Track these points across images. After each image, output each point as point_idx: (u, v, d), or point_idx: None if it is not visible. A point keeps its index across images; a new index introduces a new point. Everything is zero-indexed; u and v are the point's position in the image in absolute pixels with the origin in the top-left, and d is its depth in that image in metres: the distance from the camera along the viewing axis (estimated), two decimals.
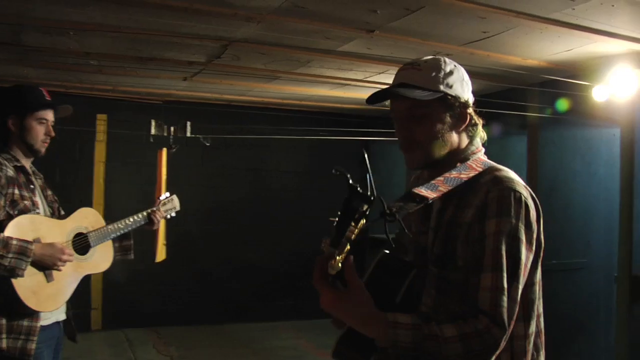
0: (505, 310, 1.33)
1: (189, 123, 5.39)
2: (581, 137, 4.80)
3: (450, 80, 1.51)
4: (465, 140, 1.57)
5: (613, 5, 2.90)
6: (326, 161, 6.83)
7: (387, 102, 1.59)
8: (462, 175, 1.48)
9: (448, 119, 1.52)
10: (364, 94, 5.38)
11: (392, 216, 1.38)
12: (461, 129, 1.55)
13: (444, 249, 1.47)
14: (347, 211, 1.36)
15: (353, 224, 1.33)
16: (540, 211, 1.50)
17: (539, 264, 1.49)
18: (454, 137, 1.55)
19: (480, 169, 1.52)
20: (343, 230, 1.34)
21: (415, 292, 1.49)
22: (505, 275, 1.36)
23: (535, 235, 1.44)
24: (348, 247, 1.33)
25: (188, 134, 5.38)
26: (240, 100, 6.01)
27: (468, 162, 1.54)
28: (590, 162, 4.85)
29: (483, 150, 1.61)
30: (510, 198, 1.41)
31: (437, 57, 1.57)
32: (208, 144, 5.39)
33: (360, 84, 4.94)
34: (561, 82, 4.17)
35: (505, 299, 1.34)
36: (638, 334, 3.85)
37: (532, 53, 3.78)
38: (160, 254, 4.83)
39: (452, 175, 1.48)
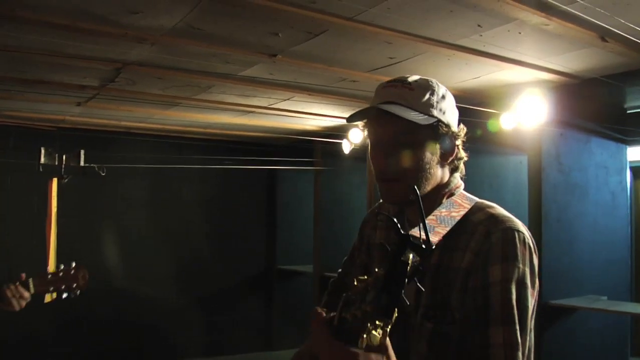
0: None
1: (82, 151, 5.00)
2: (489, 164, 4.77)
3: (444, 105, 1.39)
4: (447, 175, 1.44)
5: (520, 33, 2.82)
6: (231, 190, 6.58)
7: (361, 124, 1.43)
8: (453, 214, 1.35)
9: (437, 149, 1.38)
10: (269, 121, 5.20)
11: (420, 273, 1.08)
12: (448, 161, 1.42)
13: (433, 300, 1.31)
14: (400, 267, 1.02)
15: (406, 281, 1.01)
16: (536, 251, 1.37)
17: (535, 308, 1.35)
18: (439, 170, 1.40)
19: (468, 206, 1.38)
20: (395, 291, 0.99)
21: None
22: (517, 328, 1.22)
23: (536, 279, 1.33)
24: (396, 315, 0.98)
25: (82, 163, 4.99)
26: (139, 127, 5.65)
27: (453, 197, 1.40)
28: (498, 189, 4.83)
29: (462, 185, 1.48)
30: (516, 240, 1.28)
31: (424, 77, 1.44)
32: (103, 174, 4.99)
33: (264, 111, 4.72)
34: (469, 109, 4.10)
35: (519, 354, 1.22)
36: None
37: (439, 80, 3.60)
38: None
39: (442, 214, 1.34)
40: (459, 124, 1.47)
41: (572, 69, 3.45)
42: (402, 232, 1.06)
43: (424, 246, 1.05)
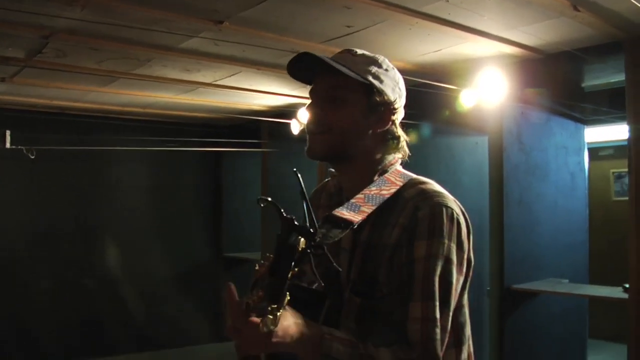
0: (438, 344, 1.21)
1: (8, 132, 4.58)
2: (445, 145, 4.60)
3: (383, 76, 1.37)
4: (380, 149, 1.41)
5: None
6: (174, 175, 6.24)
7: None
8: (383, 192, 1.34)
9: (368, 115, 1.37)
10: (213, 100, 4.87)
11: (321, 248, 1.16)
12: (377, 131, 1.38)
13: (363, 275, 1.32)
14: (284, 251, 1.12)
15: (294, 267, 1.10)
16: (471, 226, 1.35)
17: (468, 284, 1.35)
18: (369, 137, 1.38)
19: (401, 182, 1.37)
20: (281, 276, 1.08)
21: (332, 325, 1.25)
22: (437, 304, 1.23)
23: (466, 255, 1.31)
24: (287, 298, 1.06)
25: (7, 145, 4.58)
26: (73, 107, 5.22)
27: (386, 175, 1.39)
28: (454, 171, 4.67)
29: (399, 162, 1.45)
30: (442, 216, 1.27)
31: (379, 56, 1.42)
32: (33, 157, 4.58)
33: (208, 88, 4.41)
34: (426, 86, 3.90)
35: (437, 330, 1.22)
36: (512, 348, 3.64)
37: (399, 53, 3.45)
38: None
39: (372, 192, 1.34)
40: (406, 109, 1.46)
41: (538, 41, 3.27)
42: (285, 215, 1.14)
43: (311, 229, 1.14)
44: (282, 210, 1.15)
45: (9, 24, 2.94)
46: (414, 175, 1.40)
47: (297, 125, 4.99)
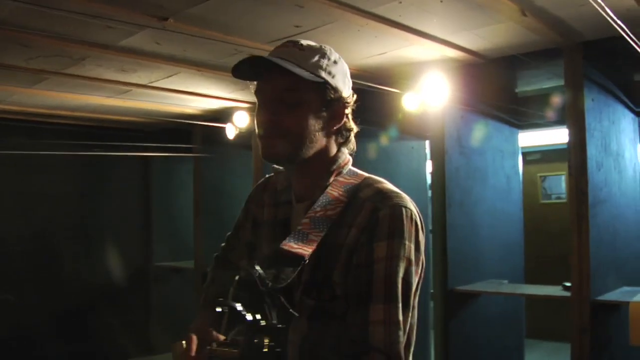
0: (401, 347, 1.19)
1: None
2: (382, 149, 4.61)
3: (334, 70, 1.32)
4: (334, 146, 1.37)
5: (441, 1, 2.62)
6: (100, 182, 6.01)
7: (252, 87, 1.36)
8: (328, 212, 1.28)
9: (323, 113, 1.31)
10: (146, 103, 4.71)
11: (275, 298, 1.15)
12: (333, 129, 1.34)
13: (316, 276, 1.27)
14: (251, 356, 1.08)
15: None
16: (423, 226, 1.31)
17: (420, 285, 1.31)
18: (323, 138, 1.33)
19: (355, 181, 1.33)
20: None
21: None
22: (400, 305, 1.20)
23: (422, 257, 1.28)
24: None
25: None
26: None
27: (340, 177, 1.34)
28: (391, 175, 4.64)
29: (351, 159, 1.41)
30: (403, 217, 1.24)
31: (324, 46, 1.36)
32: None
33: (143, 90, 4.24)
34: (367, 89, 3.90)
35: (401, 333, 1.19)
36: (456, 350, 3.67)
37: (344, 56, 3.33)
38: None
39: (317, 214, 1.28)
40: (355, 98, 1.40)
41: (481, 45, 3.33)
42: (248, 319, 1.09)
43: (279, 325, 1.10)
44: (245, 314, 1.10)
45: None
46: (367, 175, 1.37)
47: (232, 129, 4.88)
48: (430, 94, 3.55)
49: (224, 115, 5.10)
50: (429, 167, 5.02)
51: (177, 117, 5.22)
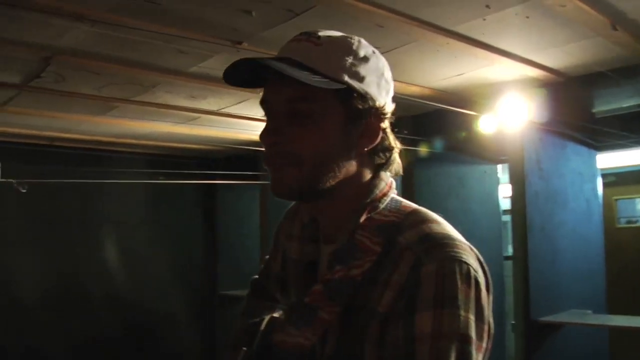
0: None
1: None
2: (455, 174, 4.47)
3: (363, 69, 0.97)
4: (367, 172, 1.02)
5: (528, 17, 2.50)
6: (165, 210, 6.01)
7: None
8: (352, 272, 0.94)
9: (350, 130, 0.97)
10: (212, 130, 4.68)
11: None
12: (366, 149, 1.00)
13: (342, 350, 0.95)
14: None
15: None
16: (490, 282, 0.96)
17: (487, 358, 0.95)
18: (352, 161, 0.99)
19: (396, 219, 0.98)
20: None
21: None
22: None
23: (486, 327, 0.92)
24: None
25: None
26: (64, 138, 4.96)
27: (376, 215, 0.99)
28: (464, 200, 4.53)
29: (394, 185, 1.06)
30: (455, 276, 0.89)
31: (351, 36, 1.01)
32: (24, 190, 4.31)
33: (211, 117, 4.22)
34: (439, 112, 3.79)
35: None
36: None
37: (420, 77, 3.32)
38: None
39: (337, 276, 0.95)
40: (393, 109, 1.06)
41: (564, 63, 3.18)
42: None
43: None
44: None
45: (7, 44, 2.73)
46: (413, 206, 1.03)
47: None
48: (509, 116, 3.42)
49: None
50: (501, 191, 4.86)
51: (243, 144, 5.18)
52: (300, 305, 0.96)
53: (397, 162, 1.05)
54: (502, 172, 4.91)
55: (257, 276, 1.36)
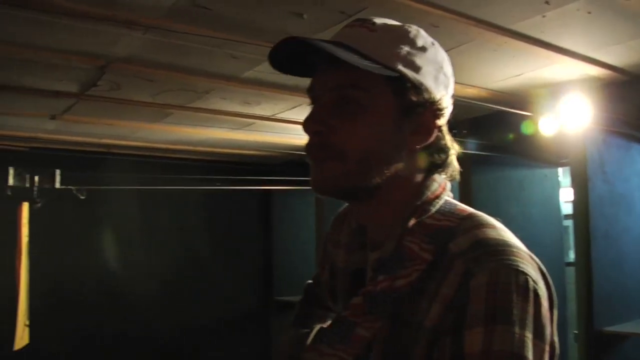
0: None
1: (58, 171, 4.43)
2: (515, 178, 4.34)
3: (419, 59, 0.91)
4: (418, 172, 0.94)
5: (589, 13, 2.39)
6: (221, 215, 6.05)
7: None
8: (398, 282, 0.85)
9: (401, 122, 0.90)
10: (268, 136, 4.68)
11: None
12: (417, 147, 0.92)
13: None
14: None
15: None
16: (554, 296, 0.86)
17: None
18: (403, 158, 0.91)
19: (450, 223, 0.89)
20: None
21: None
22: None
23: (547, 347, 0.81)
24: None
25: (57, 185, 4.42)
26: (121, 145, 5.06)
27: (427, 219, 0.90)
28: (525, 204, 4.39)
29: (449, 187, 0.98)
30: (511, 288, 0.78)
31: (410, 25, 0.96)
32: (83, 197, 4.41)
33: (265, 122, 4.21)
34: (497, 114, 3.68)
35: None
36: None
37: (476, 78, 3.23)
38: (21, 339, 3.82)
39: (380, 287, 0.86)
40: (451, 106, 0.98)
41: (629, 60, 3.03)
42: None
43: None
44: None
45: (62, 54, 2.78)
46: (470, 210, 0.94)
47: None
48: (570, 117, 3.30)
49: None
50: (562, 195, 4.70)
51: (298, 150, 5.17)
52: (339, 319, 0.89)
53: (453, 165, 0.98)
54: (563, 176, 4.75)
55: (310, 281, 1.30)
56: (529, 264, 0.83)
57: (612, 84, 3.35)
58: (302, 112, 3.86)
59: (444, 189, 0.95)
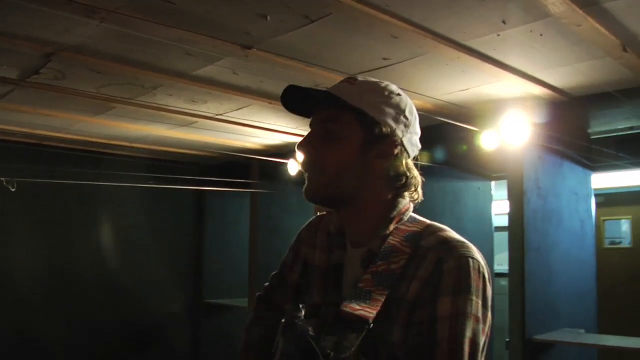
0: None
1: None
2: (451, 190, 4.47)
3: (384, 104, 1.20)
4: (389, 190, 1.24)
5: (541, 35, 2.50)
6: (153, 214, 5.93)
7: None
8: (392, 266, 1.15)
9: (367, 148, 1.19)
10: (207, 135, 4.64)
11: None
12: (380, 167, 1.21)
13: (373, 333, 1.11)
14: None
15: None
16: (492, 278, 1.24)
17: (486, 345, 1.16)
18: (373, 176, 1.21)
19: (417, 229, 1.21)
20: None
21: None
22: None
23: (489, 313, 1.13)
24: None
25: None
26: (55, 137, 4.86)
27: (401, 226, 1.22)
28: (459, 216, 4.52)
29: (412, 207, 1.28)
30: (470, 269, 1.11)
31: (383, 81, 1.25)
32: (13, 189, 4.21)
33: (208, 122, 4.16)
34: (440, 126, 3.78)
35: None
36: None
37: (425, 90, 3.31)
38: None
39: (380, 269, 1.15)
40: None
41: (569, 83, 3.19)
42: None
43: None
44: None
45: (7, 37, 2.65)
46: (429, 222, 1.24)
47: (295, 165, 4.78)
48: (511, 133, 3.41)
49: (284, 150, 5.02)
50: (494, 208, 4.87)
51: (237, 151, 5.14)
52: (356, 289, 1.13)
53: (416, 190, 1.25)
54: (495, 189, 4.92)
55: (261, 293, 1.53)
56: (479, 255, 1.15)
57: (552, 103, 3.50)
58: (248, 113, 3.88)
59: (408, 208, 1.25)
